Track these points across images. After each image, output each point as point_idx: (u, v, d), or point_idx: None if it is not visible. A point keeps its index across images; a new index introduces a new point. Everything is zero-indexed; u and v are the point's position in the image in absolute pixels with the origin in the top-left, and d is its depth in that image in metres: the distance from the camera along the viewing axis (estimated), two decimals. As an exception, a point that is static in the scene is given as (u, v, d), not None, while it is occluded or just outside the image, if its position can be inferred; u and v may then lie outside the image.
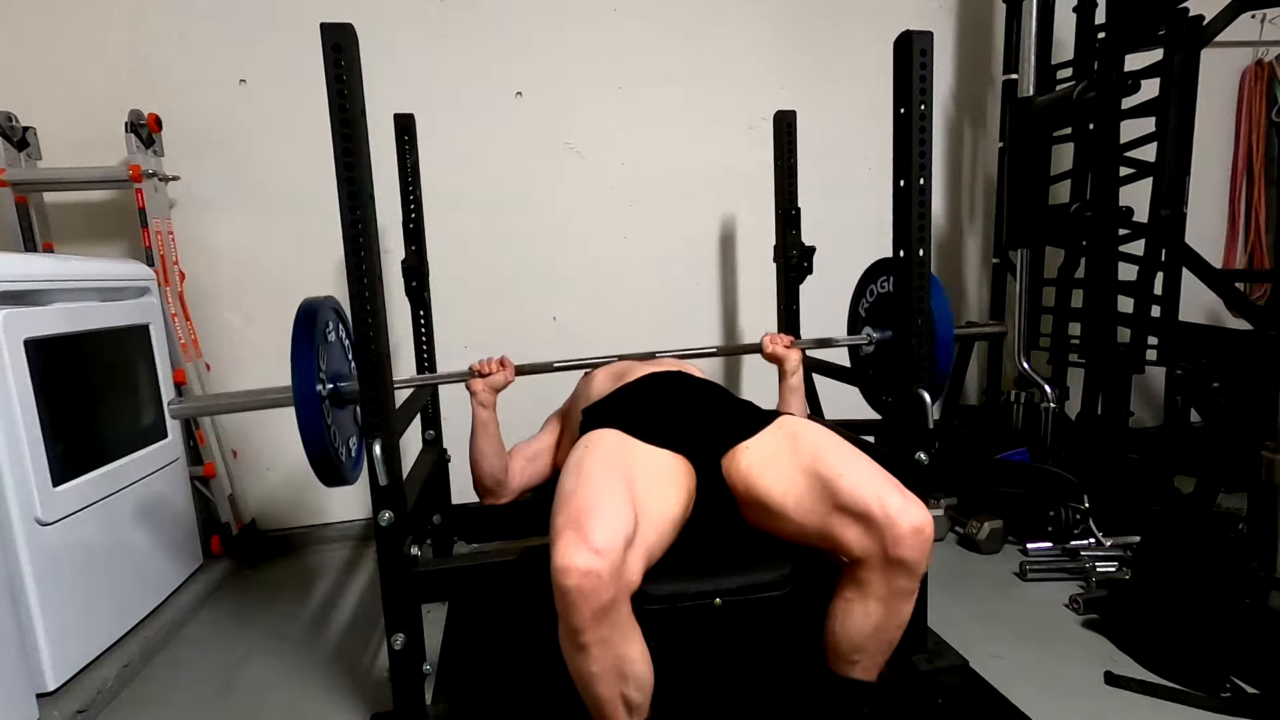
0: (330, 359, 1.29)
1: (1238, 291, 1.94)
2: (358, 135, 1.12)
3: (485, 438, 1.44)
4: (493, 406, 1.45)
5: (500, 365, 1.46)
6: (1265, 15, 2.60)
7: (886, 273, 1.54)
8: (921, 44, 1.25)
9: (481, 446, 1.44)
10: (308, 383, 1.19)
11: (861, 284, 1.70)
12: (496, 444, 1.45)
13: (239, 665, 1.63)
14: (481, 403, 1.44)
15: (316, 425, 1.20)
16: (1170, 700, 1.32)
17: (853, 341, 1.65)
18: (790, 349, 1.57)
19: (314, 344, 1.21)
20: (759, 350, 1.59)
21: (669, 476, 1.15)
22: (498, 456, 1.46)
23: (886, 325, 1.54)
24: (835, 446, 1.14)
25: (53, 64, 2.03)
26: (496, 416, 1.46)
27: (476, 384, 1.44)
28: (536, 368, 1.53)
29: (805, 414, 1.58)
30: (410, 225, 1.87)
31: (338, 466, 1.25)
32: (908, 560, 1.01)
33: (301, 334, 1.21)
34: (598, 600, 0.91)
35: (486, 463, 1.45)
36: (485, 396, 1.44)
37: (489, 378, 1.45)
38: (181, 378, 1.99)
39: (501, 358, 1.48)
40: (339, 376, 1.30)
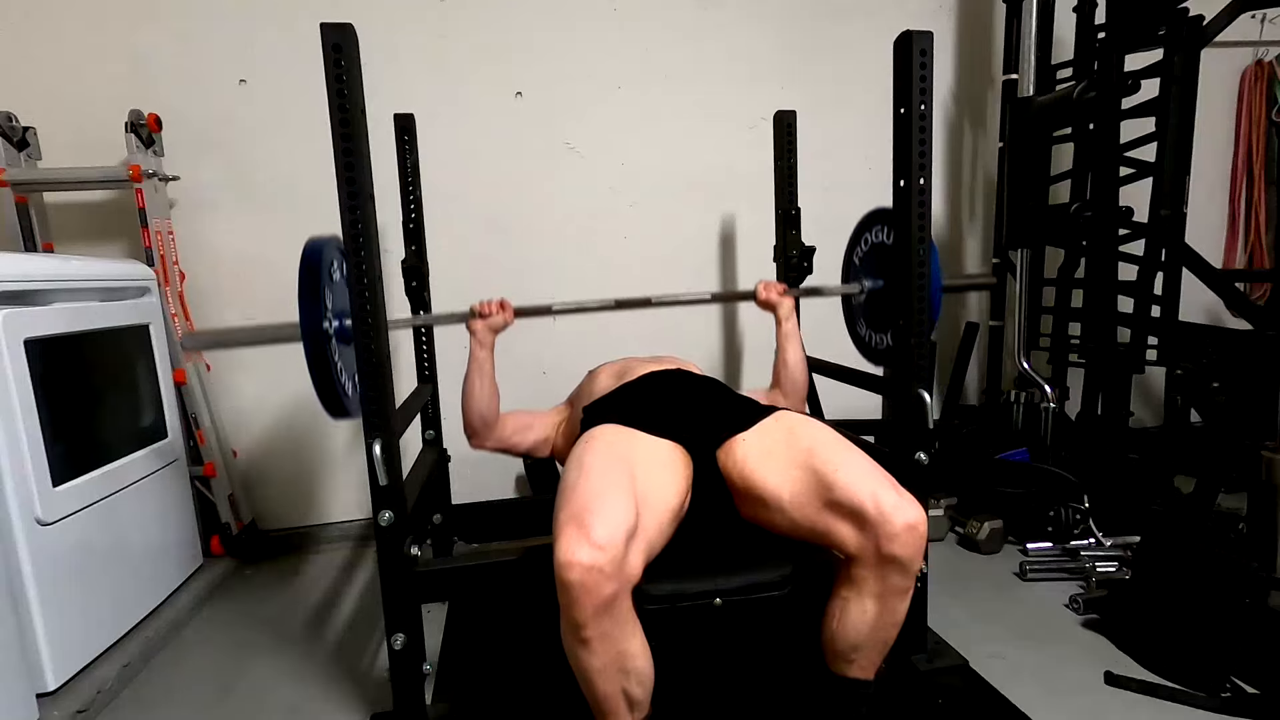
0: (336, 297, 1.30)
1: (1238, 291, 1.94)
2: (358, 135, 1.12)
3: (480, 377, 1.47)
4: (490, 347, 1.49)
5: (500, 307, 1.49)
6: (1265, 15, 2.60)
7: (881, 222, 1.57)
8: (921, 44, 1.25)
9: (475, 385, 1.47)
10: (315, 319, 1.21)
11: (856, 234, 1.72)
12: (490, 384, 1.48)
13: (239, 665, 1.63)
14: (480, 343, 1.48)
15: (324, 360, 1.22)
16: (1170, 700, 1.32)
17: (846, 290, 1.69)
18: (783, 296, 1.62)
19: (320, 282, 1.23)
20: (753, 297, 1.63)
21: (667, 465, 1.15)
22: (490, 398, 1.49)
23: (878, 275, 1.58)
24: (831, 442, 1.15)
25: (53, 64, 2.03)
26: (493, 357, 1.49)
27: (476, 324, 1.48)
28: (536, 310, 1.55)
29: (802, 357, 1.62)
30: (410, 225, 1.87)
31: (343, 400, 1.28)
32: (901, 557, 1.02)
33: (308, 271, 1.22)
34: (600, 595, 0.91)
35: (478, 402, 1.48)
36: (484, 336, 1.48)
37: (489, 319, 1.48)
38: (181, 378, 1.99)
39: (501, 300, 1.51)
40: (345, 314, 1.31)
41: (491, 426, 1.51)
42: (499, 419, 1.53)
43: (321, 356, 1.21)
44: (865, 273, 1.65)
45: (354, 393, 1.34)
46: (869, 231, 1.64)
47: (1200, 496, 1.71)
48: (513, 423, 1.56)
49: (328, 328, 1.23)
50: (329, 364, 1.23)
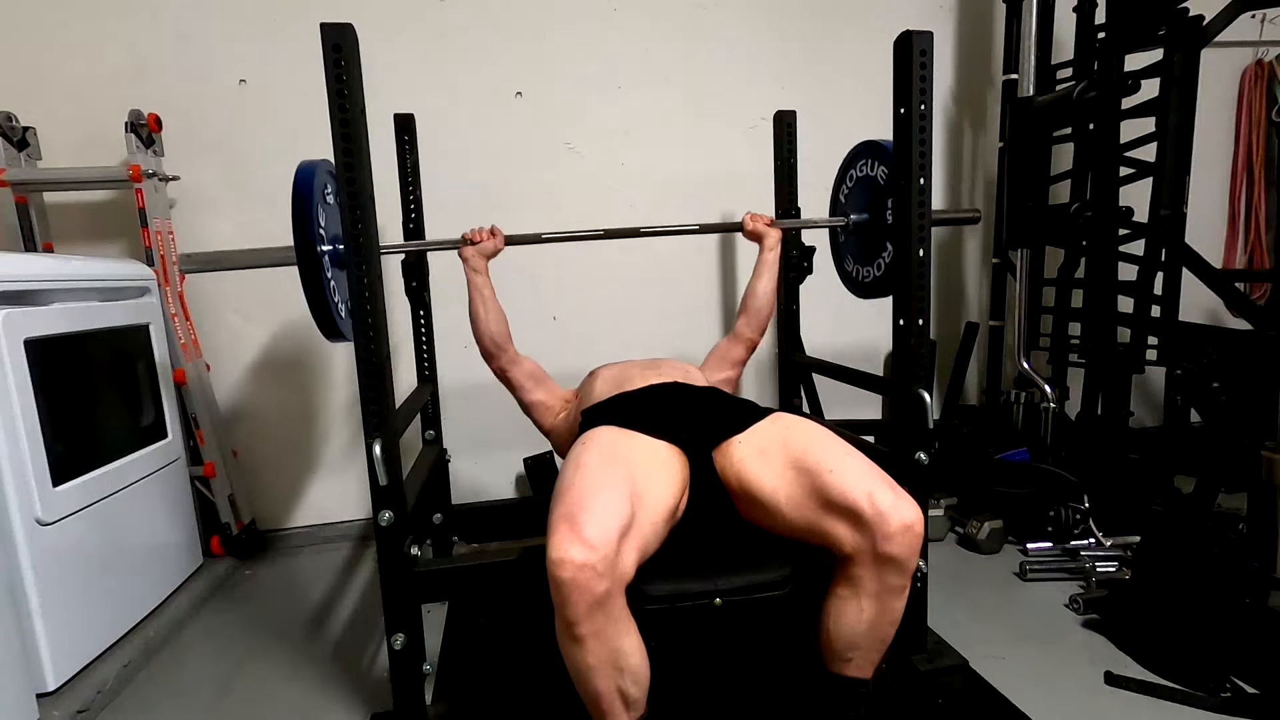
0: (330, 220, 1.32)
1: (1238, 291, 1.94)
2: (358, 135, 1.12)
3: (480, 300, 1.52)
4: (485, 272, 1.54)
5: (490, 234, 1.54)
6: (1265, 15, 2.60)
7: (868, 155, 1.62)
8: (921, 44, 1.26)
9: (478, 309, 1.52)
10: (310, 240, 1.23)
11: (842, 169, 1.76)
12: (493, 306, 1.53)
13: (239, 665, 1.63)
14: (474, 268, 1.53)
15: (318, 282, 1.25)
16: (1170, 700, 1.32)
17: (832, 223, 1.76)
18: (770, 226, 1.70)
19: (314, 203, 1.25)
20: (740, 229, 1.72)
21: (663, 466, 1.15)
22: (497, 320, 1.53)
23: (865, 209, 1.64)
24: (827, 442, 1.15)
25: (53, 64, 2.03)
26: (490, 281, 1.54)
27: (468, 250, 1.53)
28: (526, 238, 1.59)
29: (772, 288, 1.70)
30: (410, 225, 1.88)
31: (337, 322, 1.32)
32: (898, 557, 1.02)
33: (301, 193, 1.25)
34: (592, 593, 0.92)
35: (485, 324, 1.52)
36: (477, 262, 1.53)
37: (479, 244, 1.53)
38: (181, 378, 1.99)
39: (492, 226, 1.55)
40: (339, 238, 1.33)
41: (504, 348, 1.55)
42: (514, 349, 1.57)
43: (315, 277, 1.24)
44: (852, 207, 1.69)
45: (347, 315, 1.38)
46: (854, 166, 1.67)
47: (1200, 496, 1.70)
48: (530, 366, 1.60)
49: (321, 250, 1.26)
50: (323, 285, 1.26)
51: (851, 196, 1.70)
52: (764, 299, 1.69)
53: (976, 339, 2.51)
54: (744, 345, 1.69)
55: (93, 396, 1.66)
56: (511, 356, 1.57)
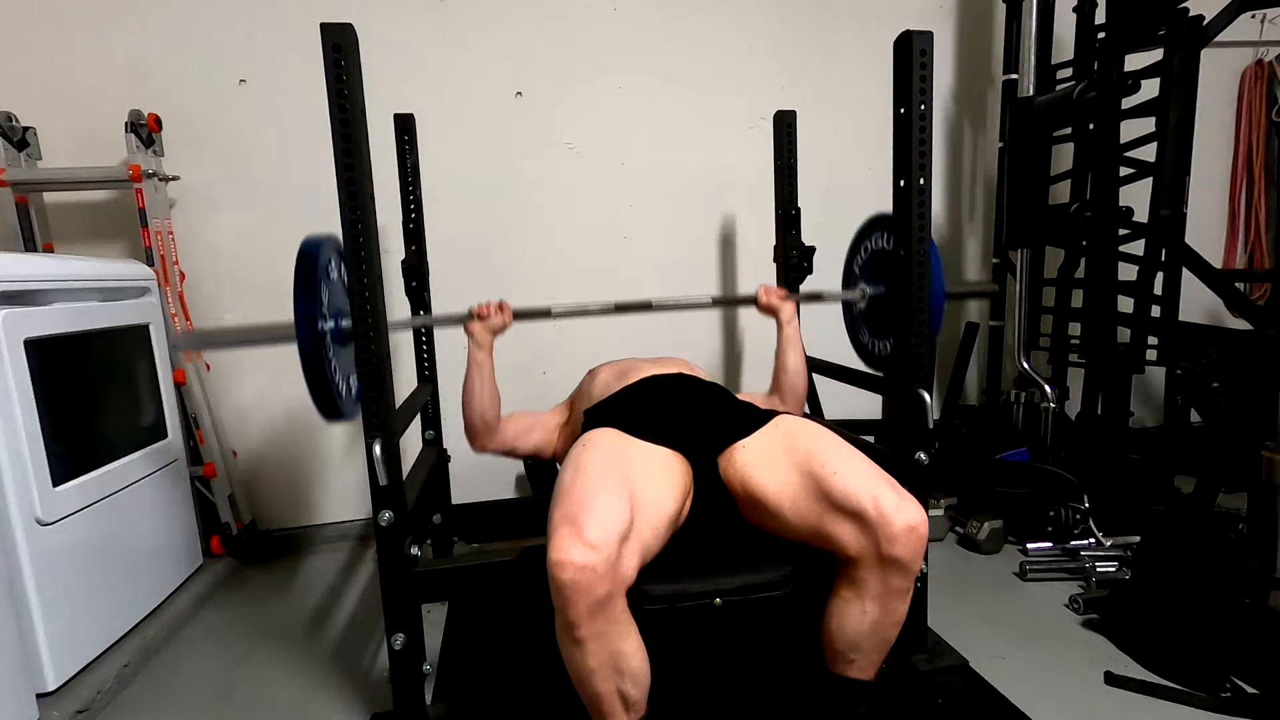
0: (332, 296, 1.29)
1: (1238, 291, 1.94)
2: (358, 135, 1.12)
3: (479, 378, 1.48)
4: (489, 349, 1.49)
5: (499, 309, 1.50)
6: (1265, 15, 2.60)
7: (881, 229, 1.56)
8: (921, 44, 1.25)
9: (475, 387, 1.48)
10: (311, 318, 1.20)
11: (856, 241, 1.71)
12: (490, 386, 1.49)
13: (239, 665, 1.63)
14: (479, 344, 1.48)
15: (319, 360, 1.21)
16: (1170, 700, 1.32)
17: (847, 296, 1.68)
18: (785, 300, 1.63)
19: (317, 280, 1.22)
20: (754, 302, 1.64)
21: (666, 473, 1.15)
22: (491, 400, 1.49)
23: (879, 281, 1.58)
24: (831, 445, 1.14)
25: (53, 64, 2.03)
26: (492, 359, 1.50)
27: (474, 326, 1.49)
28: (534, 312, 1.55)
29: (803, 362, 1.63)
30: (410, 225, 1.88)
31: (337, 402, 1.27)
32: (902, 559, 1.02)
33: (304, 270, 1.22)
34: (593, 595, 0.91)
35: (478, 404, 1.48)
36: (482, 338, 1.49)
37: (487, 320, 1.49)
38: (181, 378, 1.99)
39: (500, 302, 1.51)
40: (341, 314, 1.30)
41: (493, 429, 1.51)
42: (500, 422, 1.53)
43: (316, 357, 1.20)
44: (866, 279, 1.64)
45: (349, 394, 1.33)
46: (869, 238, 1.63)
47: (1200, 496, 1.71)
48: (514, 425, 1.56)
49: (323, 327, 1.22)
50: (324, 364, 1.21)
51: (866, 269, 1.65)
52: (797, 376, 1.62)
53: (976, 339, 2.51)
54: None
55: (93, 396, 1.66)
56: (499, 435, 1.53)
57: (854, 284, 1.69)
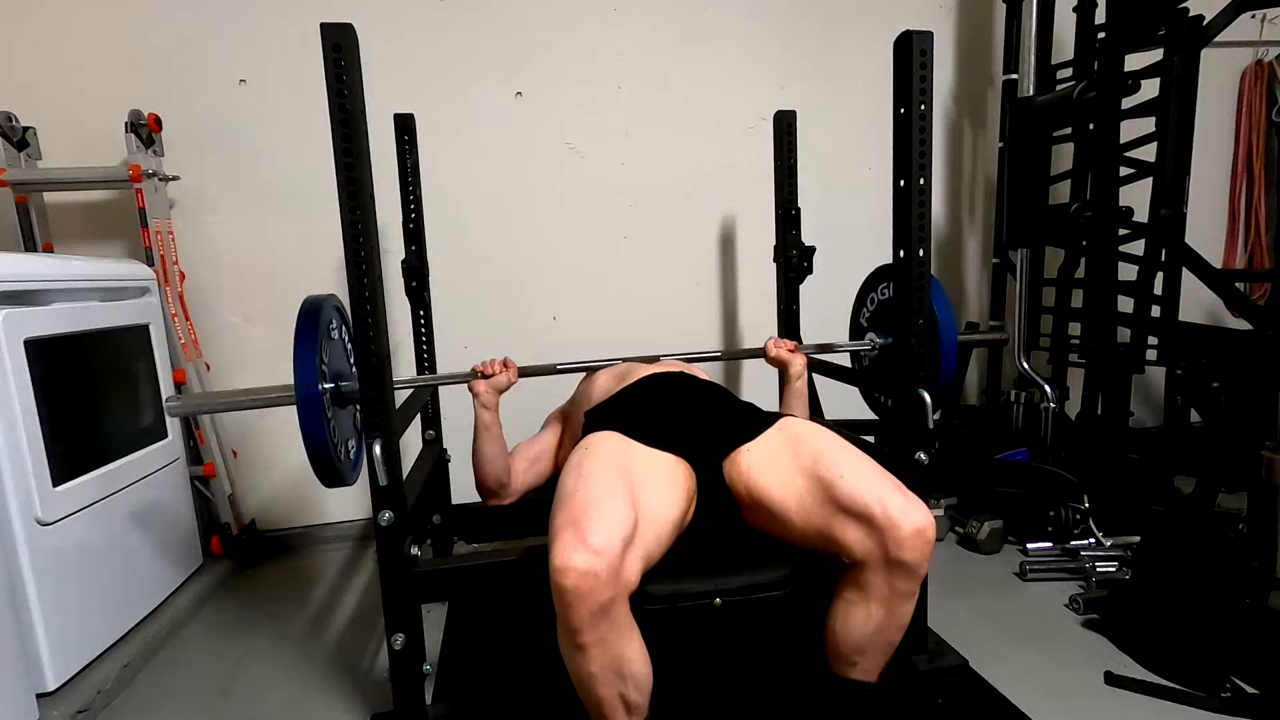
0: (333, 357, 1.29)
1: (1238, 291, 1.94)
2: (358, 135, 1.12)
3: (488, 440, 1.41)
4: (495, 408, 1.42)
5: (503, 366, 1.44)
6: (1265, 15, 2.60)
7: (887, 279, 1.54)
8: (921, 44, 1.25)
9: (484, 449, 1.41)
10: (310, 381, 1.18)
11: (862, 293, 1.70)
12: (500, 446, 1.43)
13: (239, 665, 1.63)
14: (484, 404, 1.41)
15: (318, 424, 1.19)
16: (1170, 700, 1.32)
17: (856, 347, 1.63)
18: (795, 354, 1.56)
19: (317, 342, 1.21)
20: (763, 355, 1.59)
21: (669, 479, 1.14)
22: (501, 459, 1.43)
23: (888, 332, 1.54)
24: (837, 448, 1.14)
25: (53, 64, 2.03)
26: (499, 418, 1.43)
27: (479, 385, 1.41)
28: (540, 370, 1.51)
29: (807, 417, 1.58)
30: (410, 225, 1.87)
31: (337, 467, 1.25)
32: (909, 562, 1.01)
33: (304, 332, 1.21)
34: (595, 600, 0.91)
35: (490, 466, 1.42)
36: (488, 398, 1.41)
37: (492, 379, 1.42)
38: (181, 378, 1.99)
39: (505, 359, 1.46)
40: (341, 376, 1.30)
41: (507, 486, 1.46)
42: (512, 475, 1.47)
43: (315, 419, 1.18)
44: (874, 330, 1.61)
45: (347, 458, 1.32)
46: (875, 290, 1.61)
47: (1200, 496, 1.71)
48: (522, 468, 1.50)
49: (322, 389, 1.20)
50: (323, 427, 1.19)
51: (873, 320, 1.63)
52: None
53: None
54: None
55: (93, 396, 1.66)
56: (512, 488, 1.48)
57: (860, 335, 1.66)
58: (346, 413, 1.36)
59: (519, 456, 1.52)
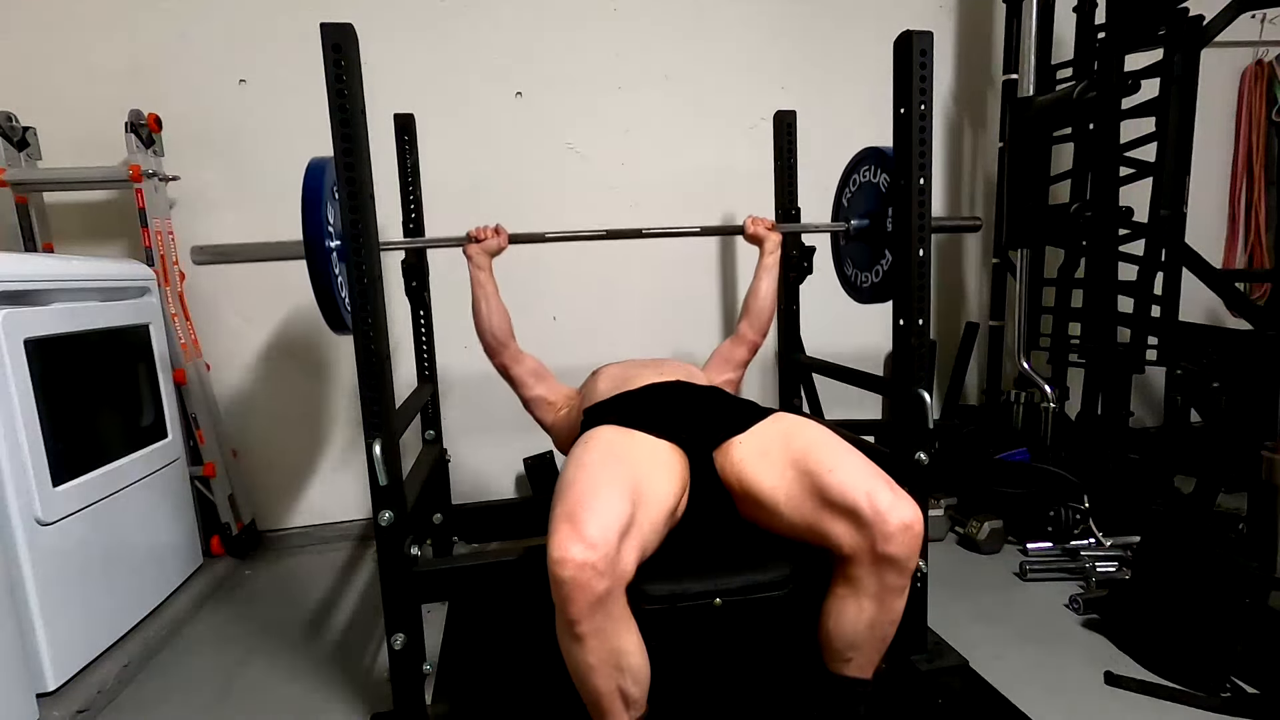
0: (338, 216, 1.34)
1: (1238, 291, 1.94)
2: (358, 135, 1.12)
3: (484, 297, 1.55)
4: (489, 269, 1.58)
5: (495, 232, 1.58)
6: (1265, 15, 2.60)
7: (871, 162, 1.64)
8: (921, 44, 1.26)
9: (481, 305, 1.56)
10: (319, 235, 1.27)
11: (846, 174, 1.77)
12: (496, 303, 1.56)
13: (239, 665, 1.63)
14: (477, 265, 1.56)
15: (326, 275, 1.30)
16: (1170, 700, 1.32)
17: (834, 228, 1.78)
18: (771, 230, 1.72)
19: (323, 199, 1.28)
20: (741, 231, 1.74)
21: (664, 464, 1.15)
22: (499, 317, 1.56)
23: (865, 214, 1.67)
24: (827, 442, 1.15)
25: (53, 64, 2.03)
26: (493, 277, 1.57)
27: (472, 248, 1.57)
28: (530, 237, 1.64)
29: (773, 290, 1.73)
30: (410, 225, 1.88)
31: (343, 314, 1.37)
32: (897, 556, 1.02)
33: (312, 188, 1.28)
34: (592, 591, 0.92)
35: (487, 320, 1.55)
36: (480, 259, 1.57)
37: (484, 242, 1.57)
38: (181, 378, 1.99)
39: (496, 225, 1.59)
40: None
41: (506, 344, 1.58)
42: (517, 345, 1.59)
43: (323, 271, 1.29)
44: (853, 212, 1.71)
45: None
46: (858, 170, 1.68)
47: (1200, 496, 1.71)
48: (531, 363, 1.62)
49: (329, 246, 1.30)
50: (330, 278, 1.31)
51: (853, 201, 1.72)
52: (765, 300, 1.71)
53: (976, 339, 2.51)
54: (746, 347, 1.70)
55: (93, 396, 1.66)
56: (514, 353, 1.59)
57: (842, 216, 1.77)
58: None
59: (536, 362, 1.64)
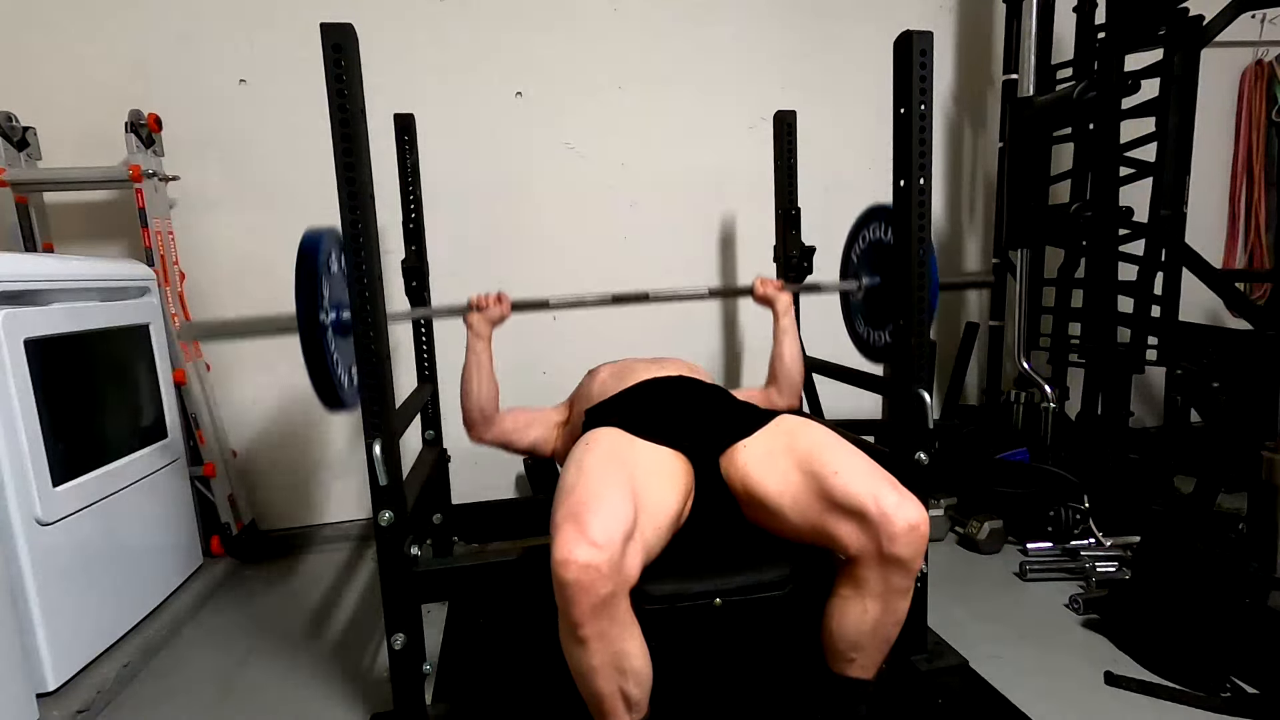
0: (333, 288, 1.31)
1: (1238, 291, 1.94)
2: (358, 135, 1.12)
3: (478, 370, 1.49)
4: (488, 339, 1.51)
5: (497, 300, 1.51)
6: (1265, 15, 2.60)
7: (879, 219, 1.58)
8: (921, 44, 1.25)
9: (473, 378, 1.49)
10: (312, 311, 1.21)
11: (854, 231, 1.73)
12: (489, 377, 1.50)
13: (239, 665, 1.63)
14: (477, 334, 1.50)
15: (320, 351, 1.23)
16: (1170, 700, 1.32)
17: (844, 287, 1.70)
18: (781, 291, 1.64)
19: (318, 273, 1.23)
20: (750, 292, 1.66)
21: (667, 473, 1.15)
22: (489, 391, 1.50)
23: (877, 271, 1.60)
24: (832, 444, 1.14)
25: (53, 64, 2.03)
26: (491, 351, 1.51)
27: (473, 317, 1.51)
28: (532, 303, 1.57)
29: (798, 352, 1.65)
30: (410, 225, 1.88)
31: (339, 393, 1.29)
32: (903, 557, 1.01)
33: (306, 262, 1.23)
34: (596, 594, 0.91)
35: (476, 393, 1.49)
36: (481, 329, 1.50)
37: (486, 311, 1.50)
38: (181, 378, 1.99)
39: (498, 293, 1.53)
40: (342, 305, 1.31)
41: (490, 420, 1.53)
42: (498, 413, 1.54)
43: (317, 348, 1.22)
44: (864, 269, 1.65)
45: (350, 385, 1.34)
46: (867, 228, 1.64)
47: (1200, 496, 1.71)
48: (513, 419, 1.57)
49: (324, 319, 1.24)
50: (325, 355, 1.23)
51: (863, 259, 1.66)
52: (791, 365, 1.62)
53: (976, 339, 2.51)
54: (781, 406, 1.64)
55: (92, 396, 1.66)
56: (496, 425, 1.54)
57: (851, 274, 1.71)
58: (348, 341, 1.37)
59: (516, 413, 1.58)
